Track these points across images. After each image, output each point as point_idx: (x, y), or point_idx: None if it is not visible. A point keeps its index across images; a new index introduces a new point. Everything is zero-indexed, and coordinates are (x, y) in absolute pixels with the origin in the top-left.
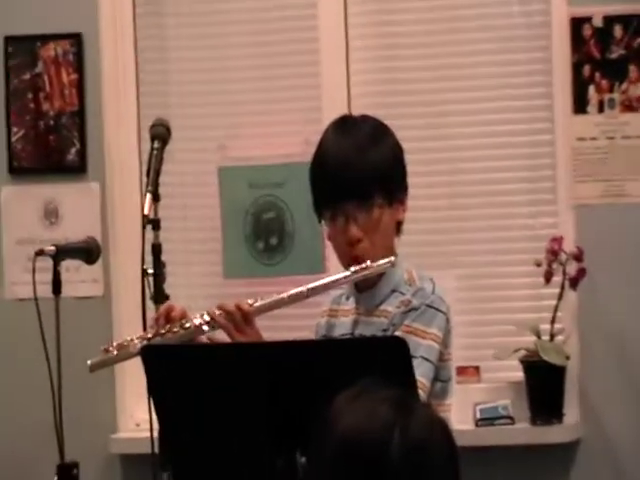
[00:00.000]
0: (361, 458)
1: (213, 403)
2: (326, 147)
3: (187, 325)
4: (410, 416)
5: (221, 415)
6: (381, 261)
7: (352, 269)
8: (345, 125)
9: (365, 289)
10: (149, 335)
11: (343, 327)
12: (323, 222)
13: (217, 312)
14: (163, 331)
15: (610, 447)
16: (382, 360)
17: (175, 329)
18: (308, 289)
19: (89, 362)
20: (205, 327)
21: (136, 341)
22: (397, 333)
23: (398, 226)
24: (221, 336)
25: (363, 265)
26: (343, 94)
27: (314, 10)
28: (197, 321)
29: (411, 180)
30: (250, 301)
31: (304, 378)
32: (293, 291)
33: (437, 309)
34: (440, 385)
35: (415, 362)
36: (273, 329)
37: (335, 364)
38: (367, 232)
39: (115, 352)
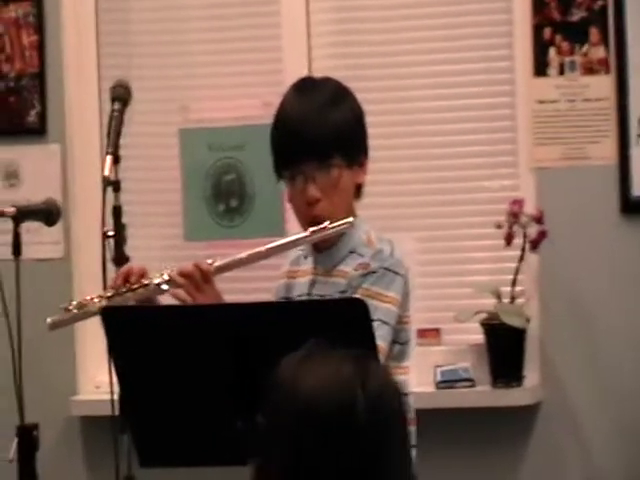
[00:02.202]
0: (327, 420)
1: (173, 365)
2: (286, 107)
3: (146, 283)
4: (368, 374)
5: (181, 377)
6: (340, 222)
7: (311, 229)
8: (305, 86)
9: (324, 249)
10: (109, 294)
11: (300, 287)
12: (282, 183)
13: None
14: (123, 290)
15: (570, 410)
16: (342, 322)
17: (134, 287)
18: (267, 249)
19: (49, 320)
20: (164, 286)
21: (96, 300)
22: (355, 296)
23: (358, 189)
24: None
25: (322, 225)
26: (304, 56)
27: None
28: (157, 280)
29: (371, 142)
30: (209, 261)
31: (264, 340)
32: (252, 251)
33: (395, 272)
34: (399, 348)
35: (373, 325)
36: (232, 291)
37: (295, 326)
38: (326, 192)
39: (75, 311)
